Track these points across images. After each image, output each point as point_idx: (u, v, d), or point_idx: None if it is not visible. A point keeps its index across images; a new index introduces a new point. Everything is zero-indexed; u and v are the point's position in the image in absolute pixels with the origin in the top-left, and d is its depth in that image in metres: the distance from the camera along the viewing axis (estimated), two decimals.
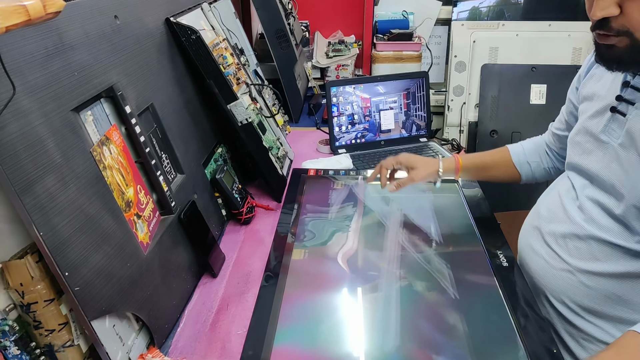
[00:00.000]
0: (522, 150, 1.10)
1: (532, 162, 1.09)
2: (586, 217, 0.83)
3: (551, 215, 0.92)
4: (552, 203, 0.94)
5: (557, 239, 0.89)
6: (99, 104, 0.81)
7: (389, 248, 1.03)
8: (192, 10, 1.24)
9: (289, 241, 1.03)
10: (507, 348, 0.78)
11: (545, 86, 2.00)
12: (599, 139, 0.82)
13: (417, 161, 1.09)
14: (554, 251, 0.89)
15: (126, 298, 0.75)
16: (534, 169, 1.09)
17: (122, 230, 0.77)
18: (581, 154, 0.87)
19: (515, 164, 1.09)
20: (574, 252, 0.85)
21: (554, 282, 0.89)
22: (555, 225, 0.90)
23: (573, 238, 0.85)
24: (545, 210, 0.95)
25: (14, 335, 0.64)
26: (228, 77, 1.18)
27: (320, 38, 2.43)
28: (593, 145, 0.84)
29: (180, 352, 0.84)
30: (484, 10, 2.24)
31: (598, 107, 0.83)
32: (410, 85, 1.65)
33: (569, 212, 0.87)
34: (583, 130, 0.87)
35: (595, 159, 0.83)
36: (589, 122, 0.85)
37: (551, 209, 0.93)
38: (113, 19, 0.88)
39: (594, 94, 0.86)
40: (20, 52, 0.63)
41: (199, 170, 1.13)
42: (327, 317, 0.85)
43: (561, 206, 0.90)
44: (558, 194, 0.93)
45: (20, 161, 0.60)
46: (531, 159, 1.09)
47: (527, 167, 1.09)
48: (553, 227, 0.90)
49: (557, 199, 0.92)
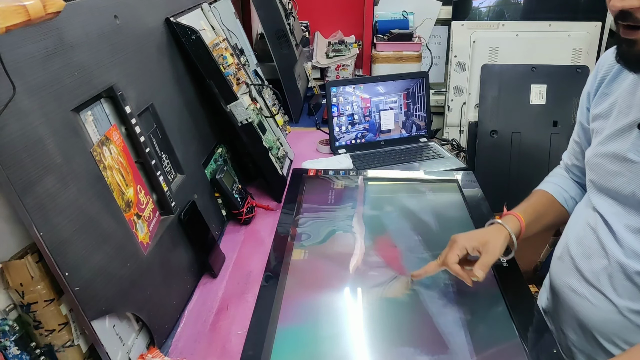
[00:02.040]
0: (560, 188, 0.99)
1: (575, 195, 0.98)
2: (627, 252, 0.76)
3: (586, 251, 0.83)
4: (583, 236, 0.85)
5: (599, 277, 0.80)
6: (99, 104, 0.81)
7: (389, 248, 1.03)
8: (192, 10, 1.24)
9: (289, 241, 1.03)
10: (507, 347, 0.78)
11: (545, 86, 2.00)
12: (627, 158, 0.75)
13: (480, 235, 0.87)
14: (599, 290, 0.80)
15: (126, 298, 0.75)
16: None
17: (122, 231, 0.77)
18: (605, 176, 0.80)
19: (561, 203, 0.98)
20: (621, 291, 0.77)
21: (602, 323, 0.81)
22: (594, 262, 0.81)
23: (617, 275, 0.77)
24: (577, 244, 0.86)
25: (14, 335, 0.64)
26: (228, 77, 1.18)
27: (320, 38, 2.44)
28: (620, 167, 0.76)
29: (180, 352, 0.84)
30: (484, 10, 2.24)
31: (619, 126, 0.77)
32: (410, 85, 1.65)
33: (606, 246, 0.79)
34: (603, 152, 0.80)
35: (625, 181, 0.76)
36: (611, 143, 0.78)
37: (584, 243, 0.84)
38: (113, 19, 0.88)
39: (610, 112, 0.80)
40: (20, 52, 0.63)
41: (199, 171, 1.13)
42: (327, 317, 0.85)
43: (596, 240, 0.81)
44: (587, 224, 0.84)
45: (20, 161, 0.60)
46: (573, 192, 0.99)
47: (573, 203, 0.97)
48: (592, 264, 0.81)
49: (588, 231, 0.83)
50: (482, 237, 0.86)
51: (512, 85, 2.03)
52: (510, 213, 0.92)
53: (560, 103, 2.00)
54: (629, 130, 0.75)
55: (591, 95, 0.87)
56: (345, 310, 0.88)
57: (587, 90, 0.88)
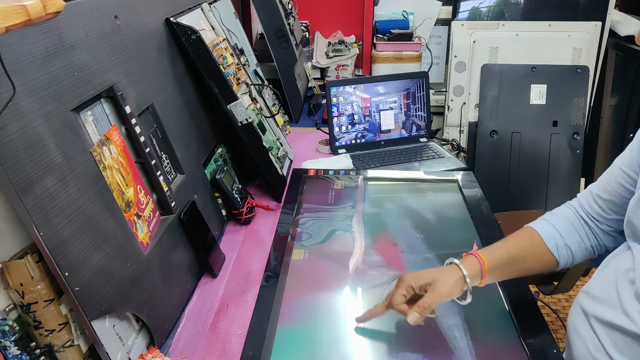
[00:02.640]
0: (555, 232, 0.84)
1: (572, 244, 0.83)
2: None
3: (602, 296, 0.75)
4: (605, 281, 0.76)
5: (604, 327, 0.72)
6: (99, 104, 0.81)
7: (389, 248, 1.03)
8: (192, 11, 1.24)
9: (289, 241, 1.03)
10: (507, 347, 0.78)
11: (545, 86, 2.00)
12: None
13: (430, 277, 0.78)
14: (600, 341, 0.72)
15: (126, 298, 0.75)
16: (575, 251, 0.84)
17: (122, 231, 0.77)
18: None
19: (551, 250, 0.83)
20: (624, 349, 0.69)
21: None
22: (605, 310, 0.73)
23: (623, 332, 0.69)
24: (598, 289, 0.77)
25: (14, 335, 0.64)
26: (228, 77, 1.18)
27: (320, 38, 2.44)
28: None
29: (180, 352, 0.84)
30: (484, 10, 2.24)
31: None
32: (410, 85, 1.65)
33: (622, 299, 0.70)
34: None
35: None
36: None
37: (604, 289, 0.75)
38: (113, 19, 0.88)
39: None
40: (20, 52, 0.63)
41: (199, 170, 1.13)
42: (327, 318, 0.85)
43: (615, 288, 0.73)
44: (614, 270, 0.75)
45: (20, 161, 0.60)
46: (570, 240, 0.83)
47: (567, 252, 0.83)
48: (602, 311, 0.73)
49: (612, 276, 0.75)
50: (431, 276, 0.78)
51: (512, 85, 2.03)
52: (472, 253, 0.81)
53: (560, 103, 2.00)
54: None
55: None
56: (345, 311, 0.88)
57: None
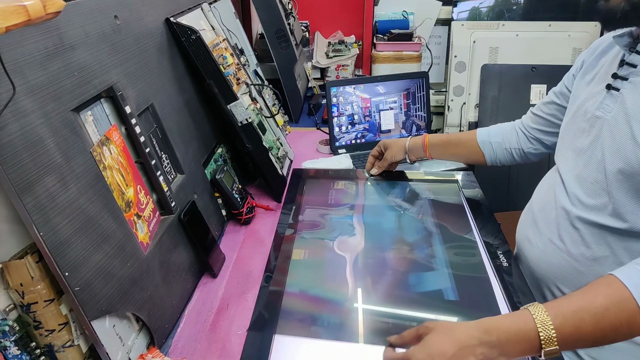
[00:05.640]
0: (487, 131, 1.17)
1: (494, 142, 1.14)
2: (572, 198, 0.87)
3: (543, 205, 0.96)
4: (544, 193, 0.97)
5: (550, 226, 0.92)
6: (99, 104, 0.81)
7: (389, 248, 1.03)
8: (192, 11, 1.24)
9: (289, 241, 1.03)
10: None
11: (545, 86, 2.00)
12: (594, 115, 0.85)
13: (389, 142, 1.24)
14: (548, 239, 0.92)
15: (126, 298, 0.75)
16: (496, 148, 1.14)
17: (122, 231, 0.77)
18: (575, 132, 0.91)
19: (479, 143, 1.15)
20: (566, 237, 0.88)
21: (549, 269, 0.91)
22: (547, 213, 0.93)
23: (563, 222, 0.89)
24: (538, 200, 0.99)
25: (14, 335, 0.64)
26: (228, 77, 1.18)
27: (320, 38, 2.43)
28: (588, 124, 0.87)
29: (180, 352, 0.84)
30: (484, 10, 2.24)
31: (596, 89, 0.87)
32: (410, 85, 1.65)
33: (557, 197, 0.91)
34: (579, 112, 0.91)
35: (587, 136, 0.86)
36: (586, 104, 0.89)
37: (543, 199, 0.97)
38: (113, 19, 0.88)
39: (592, 80, 0.90)
40: (20, 52, 0.63)
41: (199, 171, 1.13)
42: (327, 318, 0.85)
43: (552, 195, 0.93)
44: (550, 184, 0.97)
45: (20, 161, 0.60)
46: (494, 139, 1.14)
47: (489, 147, 1.15)
48: (545, 215, 0.94)
49: (549, 189, 0.96)
50: (388, 143, 1.26)
51: (512, 85, 2.03)
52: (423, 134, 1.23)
53: None
54: (600, 92, 0.86)
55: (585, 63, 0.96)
56: (345, 311, 0.88)
57: (582, 58, 0.98)
